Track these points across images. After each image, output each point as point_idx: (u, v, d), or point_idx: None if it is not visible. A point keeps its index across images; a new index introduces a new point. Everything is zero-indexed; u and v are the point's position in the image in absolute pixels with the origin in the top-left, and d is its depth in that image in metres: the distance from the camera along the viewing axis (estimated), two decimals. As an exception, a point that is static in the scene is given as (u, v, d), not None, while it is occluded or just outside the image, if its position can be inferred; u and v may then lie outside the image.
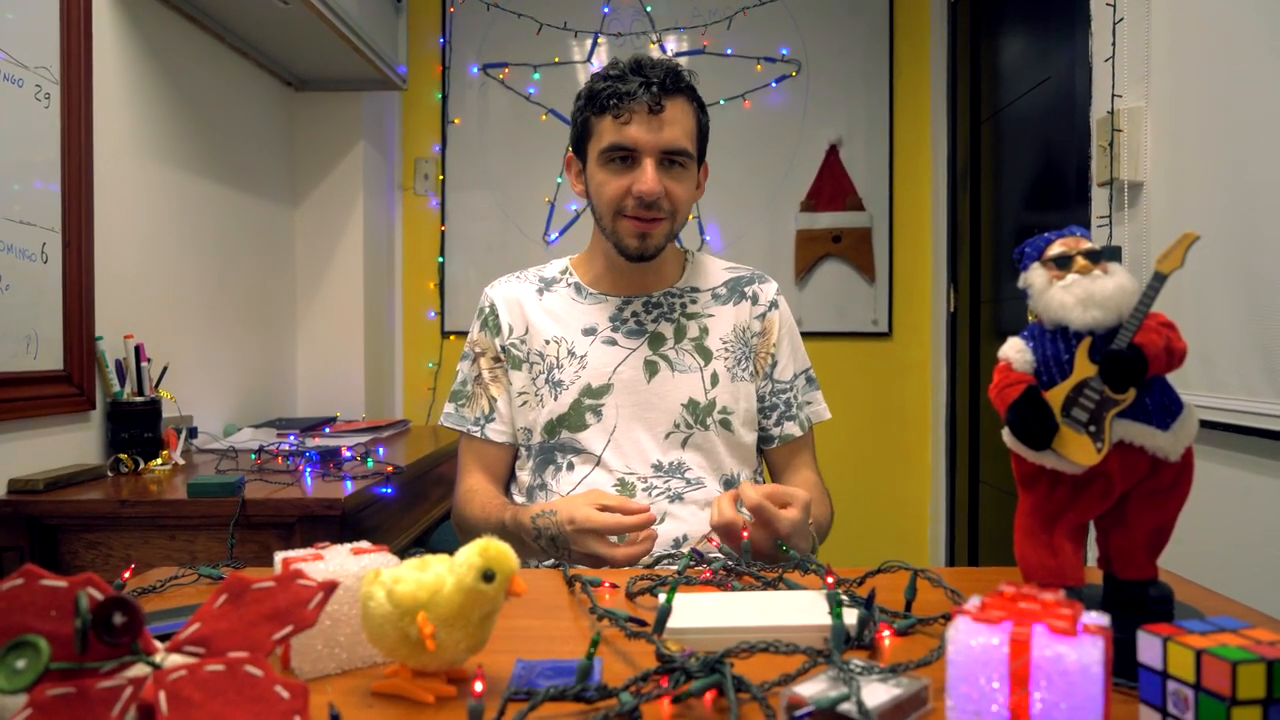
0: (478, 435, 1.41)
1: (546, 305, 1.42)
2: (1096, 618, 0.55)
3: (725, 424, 1.35)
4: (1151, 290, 0.71)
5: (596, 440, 1.34)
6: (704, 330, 1.39)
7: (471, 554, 0.66)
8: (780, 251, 3.14)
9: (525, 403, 1.39)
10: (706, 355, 1.38)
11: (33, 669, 0.52)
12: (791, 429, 1.42)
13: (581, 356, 1.37)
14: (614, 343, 1.38)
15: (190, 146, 2.21)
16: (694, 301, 1.42)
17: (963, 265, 2.95)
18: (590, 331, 1.39)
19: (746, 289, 1.44)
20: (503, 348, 1.41)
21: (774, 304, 1.44)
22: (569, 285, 1.44)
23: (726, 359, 1.38)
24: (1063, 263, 0.74)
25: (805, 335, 1.49)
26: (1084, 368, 0.73)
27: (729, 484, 1.35)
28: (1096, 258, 0.74)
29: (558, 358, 1.37)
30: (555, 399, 1.35)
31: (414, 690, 0.67)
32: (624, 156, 1.30)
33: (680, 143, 1.30)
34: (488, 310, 1.44)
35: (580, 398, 1.35)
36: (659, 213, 1.31)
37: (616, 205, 1.32)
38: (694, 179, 1.37)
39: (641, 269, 1.39)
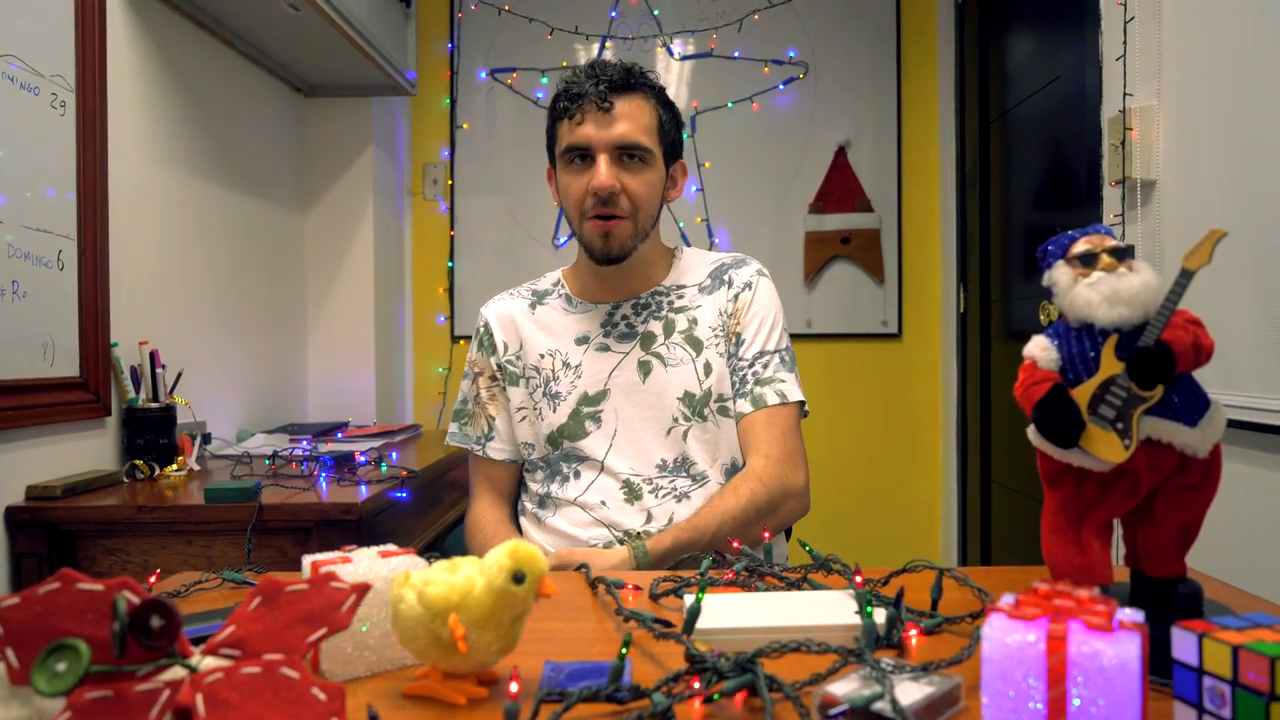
0: (480, 453, 1.44)
1: (539, 319, 1.43)
2: (1132, 614, 0.55)
3: (724, 411, 1.36)
4: (1178, 287, 0.71)
5: (599, 446, 1.35)
6: (693, 322, 1.39)
7: (501, 555, 0.66)
8: (789, 253, 3.14)
9: (525, 418, 1.41)
10: (698, 346, 1.38)
11: (73, 672, 0.52)
12: (742, 405, 1.35)
13: (576, 366, 1.38)
14: (607, 349, 1.39)
15: (202, 152, 2.22)
16: (681, 297, 1.42)
17: (972, 265, 2.95)
18: (583, 340, 1.40)
19: (725, 274, 1.43)
20: (499, 365, 1.43)
21: (749, 285, 1.41)
22: (560, 297, 1.45)
23: (717, 346, 1.38)
24: (1088, 260, 0.74)
25: (815, 337, 1.49)
26: (1110, 365, 0.72)
27: (732, 474, 1.35)
28: (1122, 255, 0.74)
29: (553, 370, 1.39)
30: (554, 411, 1.37)
31: (445, 692, 0.67)
32: (581, 156, 1.32)
33: (633, 137, 1.31)
34: (482, 330, 1.46)
35: (578, 407, 1.36)
36: (617, 210, 1.31)
37: (580, 206, 1.33)
38: (657, 175, 1.36)
39: (625, 273, 1.39)
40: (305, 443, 2.15)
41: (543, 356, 1.40)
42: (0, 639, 0.53)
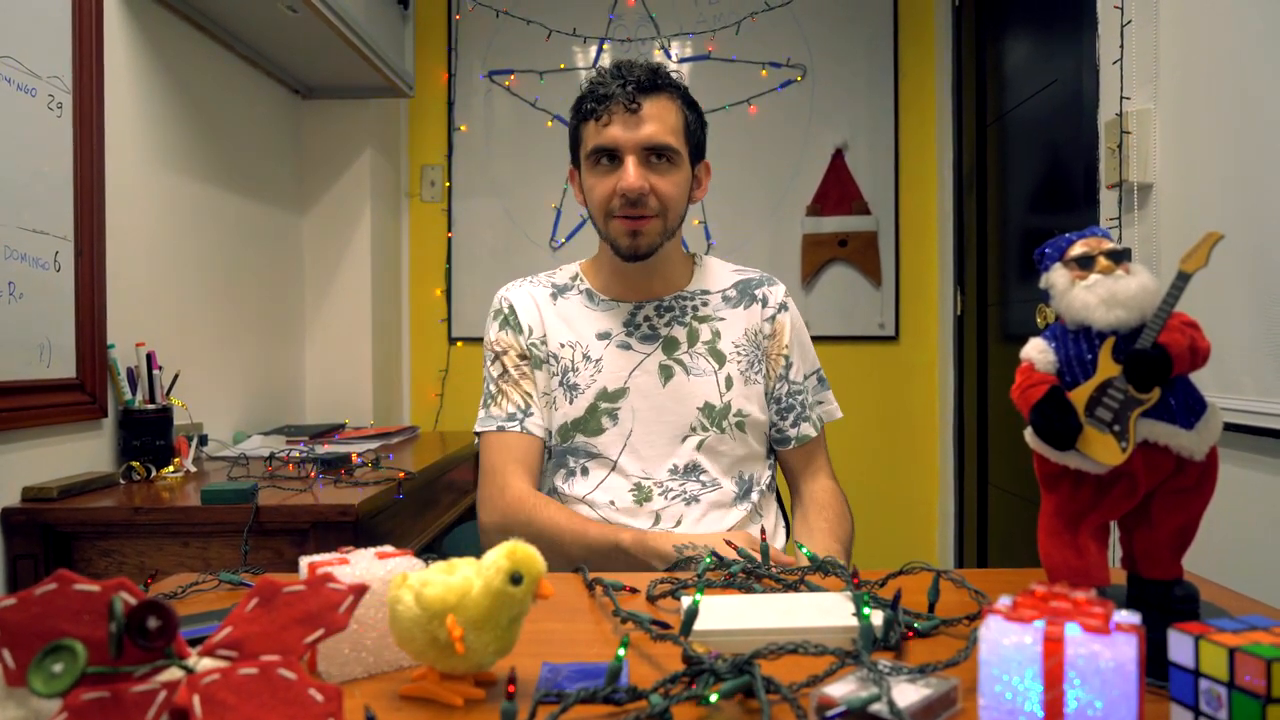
0: (517, 430, 1.35)
1: (560, 310, 1.42)
2: (1129, 616, 0.55)
3: (741, 426, 1.36)
4: (1175, 290, 0.71)
5: (613, 444, 1.34)
6: (716, 334, 1.40)
7: (499, 556, 0.66)
8: (786, 256, 3.15)
9: (546, 403, 1.39)
10: (720, 359, 1.38)
11: (70, 673, 0.52)
12: (807, 430, 1.42)
13: (597, 360, 1.37)
14: (628, 347, 1.38)
15: (200, 154, 2.22)
16: (705, 304, 1.42)
17: (969, 268, 2.95)
18: (604, 336, 1.39)
19: (756, 291, 1.44)
20: (526, 346, 1.41)
21: (783, 305, 1.45)
22: (580, 291, 1.44)
23: (739, 362, 1.39)
24: (1085, 263, 0.74)
25: (812, 339, 1.50)
26: (1107, 368, 0.73)
27: (742, 485, 1.36)
28: (1119, 258, 0.74)
29: (572, 361, 1.38)
30: (570, 403, 1.36)
31: (442, 693, 0.67)
32: (609, 157, 1.32)
33: (661, 138, 1.31)
34: (506, 310, 1.43)
35: (596, 401, 1.35)
36: (646, 210, 1.31)
37: (606, 207, 1.33)
38: (684, 176, 1.36)
39: (648, 273, 1.39)
40: (302, 444, 2.15)
41: (563, 346, 1.39)
42: (-3, 640, 0.53)
